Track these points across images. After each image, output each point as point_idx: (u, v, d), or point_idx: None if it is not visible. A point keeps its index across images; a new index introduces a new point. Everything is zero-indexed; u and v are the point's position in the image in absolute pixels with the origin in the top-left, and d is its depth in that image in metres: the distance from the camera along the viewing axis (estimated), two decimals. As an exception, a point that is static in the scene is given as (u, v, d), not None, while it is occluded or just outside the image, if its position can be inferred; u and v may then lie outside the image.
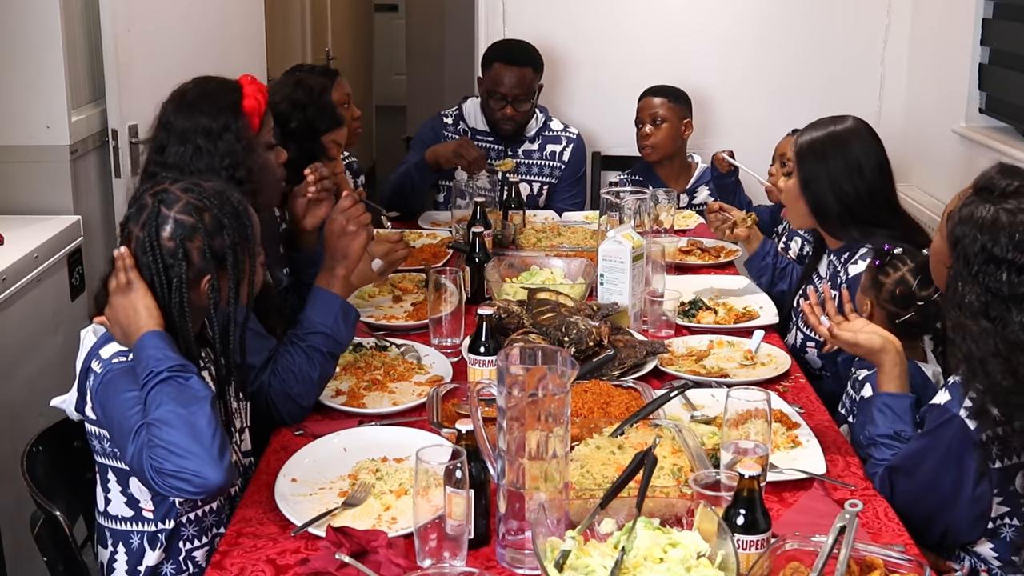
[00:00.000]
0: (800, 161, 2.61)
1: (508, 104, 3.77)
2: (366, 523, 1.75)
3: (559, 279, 2.90)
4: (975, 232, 1.84)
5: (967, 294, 1.82)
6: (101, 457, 1.87)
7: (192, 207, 1.80)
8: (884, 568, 1.55)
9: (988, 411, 1.80)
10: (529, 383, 1.61)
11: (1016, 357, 1.78)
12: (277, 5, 5.08)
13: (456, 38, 6.98)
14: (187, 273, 1.80)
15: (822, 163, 2.57)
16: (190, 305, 1.81)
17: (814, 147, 2.59)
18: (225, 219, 1.82)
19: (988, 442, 1.83)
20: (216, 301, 1.82)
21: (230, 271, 1.83)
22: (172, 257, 1.79)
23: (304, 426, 2.15)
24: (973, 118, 3.73)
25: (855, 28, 4.29)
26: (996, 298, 1.80)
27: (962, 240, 1.85)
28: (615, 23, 4.31)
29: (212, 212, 1.81)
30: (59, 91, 2.98)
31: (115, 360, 1.79)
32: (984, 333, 1.80)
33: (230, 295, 1.84)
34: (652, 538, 1.57)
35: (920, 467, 1.91)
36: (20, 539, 2.40)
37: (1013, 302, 1.79)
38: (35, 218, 2.97)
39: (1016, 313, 1.79)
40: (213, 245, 1.80)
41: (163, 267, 1.79)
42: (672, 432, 1.97)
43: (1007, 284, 1.80)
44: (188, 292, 1.80)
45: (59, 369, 2.73)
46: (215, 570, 1.67)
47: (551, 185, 3.92)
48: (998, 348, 1.78)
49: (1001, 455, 1.83)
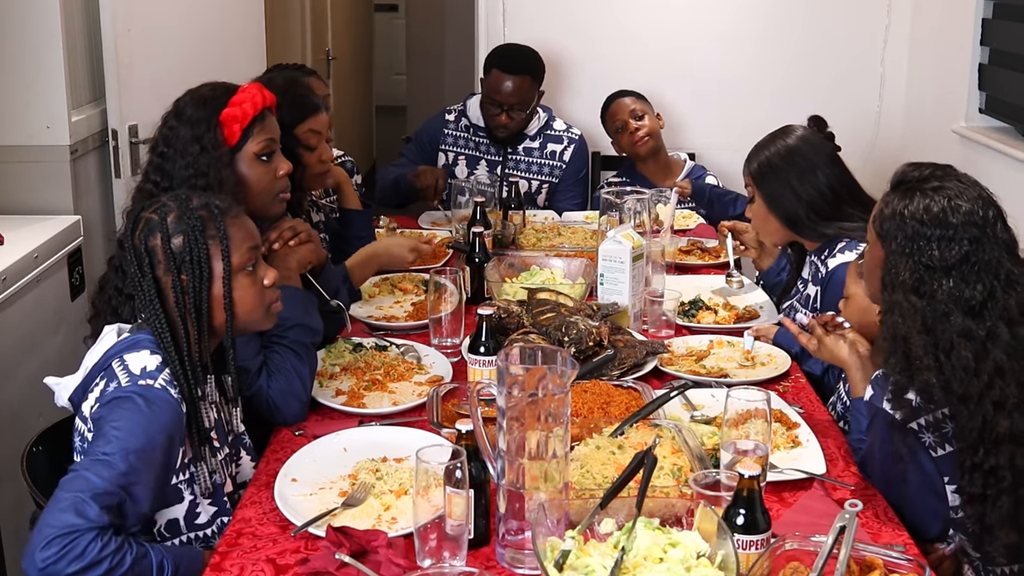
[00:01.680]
0: (758, 183, 2.69)
1: (503, 112, 3.77)
2: (366, 523, 1.75)
3: (559, 279, 2.90)
4: (901, 217, 1.89)
5: (901, 271, 1.87)
6: (77, 455, 1.83)
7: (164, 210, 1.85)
8: (884, 568, 1.55)
9: (905, 398, 1.84)
10: (529, 383, 1.61)
11: (940, 327, 1.82)
12: (277, 5, 5.08)
13: (456, 38, 6.99)
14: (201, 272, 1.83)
15: (777, 176, 2.65)
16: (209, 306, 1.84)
17: (765, 165, 2.68)
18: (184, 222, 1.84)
19: (920, 430, 1.85)
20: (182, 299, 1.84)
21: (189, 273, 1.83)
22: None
23: (304, 426, 2.16)
24: (973, 118, 3.73)
25: (855, 28, 4.29)
26: (928, 270, 1.85)
27: (891, 230, 1.90)
28: (616, 22, 4.31)
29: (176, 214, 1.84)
30: (59, 91, 2.99)
31: (142, 383, 1.75)
32: (913, 309, 1.84)
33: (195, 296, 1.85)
34: (652, 538, 1.57)
35: (872, 464, 1.96)
36: (20, 539, 2.41)
37: (944, 272, 1.84)
38: (35, 218, 2.97)
39: (945, 283, 1.83)
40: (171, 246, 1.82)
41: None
42: (672, 432, 1.97)
43: (938, 256, 1.84)
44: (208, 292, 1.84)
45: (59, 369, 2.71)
46: (214, 570, 1.67)
47: (551, 184, 3.92)
48: (924, 323, 1.83)
49: (941, 442, 1.85)
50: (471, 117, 3.91)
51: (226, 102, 2.21)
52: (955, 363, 1.80)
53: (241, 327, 1.91)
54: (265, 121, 2.28)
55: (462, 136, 3.92)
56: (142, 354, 1.80)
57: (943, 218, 1.85)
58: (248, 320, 1.90)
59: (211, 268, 1.84)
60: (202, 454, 1.85)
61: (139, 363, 1.79)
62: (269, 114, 2.29)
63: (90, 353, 1.87)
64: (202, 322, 1.84)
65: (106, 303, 2.08)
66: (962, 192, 1.88)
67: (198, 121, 2.19)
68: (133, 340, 1.83)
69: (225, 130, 2.20)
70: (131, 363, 1.79)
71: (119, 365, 1.79)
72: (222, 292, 1.85)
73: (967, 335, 1.81)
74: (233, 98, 2.22)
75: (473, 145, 3.91)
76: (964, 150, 3.70)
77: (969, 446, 1.80)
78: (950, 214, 1.86)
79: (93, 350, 1.87)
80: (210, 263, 1.83)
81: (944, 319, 1.82)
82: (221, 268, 1.84)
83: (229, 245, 1.84)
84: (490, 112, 3.79)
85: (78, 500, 1.61)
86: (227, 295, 1.85)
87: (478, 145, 3.90)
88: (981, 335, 1.81)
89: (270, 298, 1.93)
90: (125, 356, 1.80)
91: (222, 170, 2.17)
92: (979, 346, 1.81)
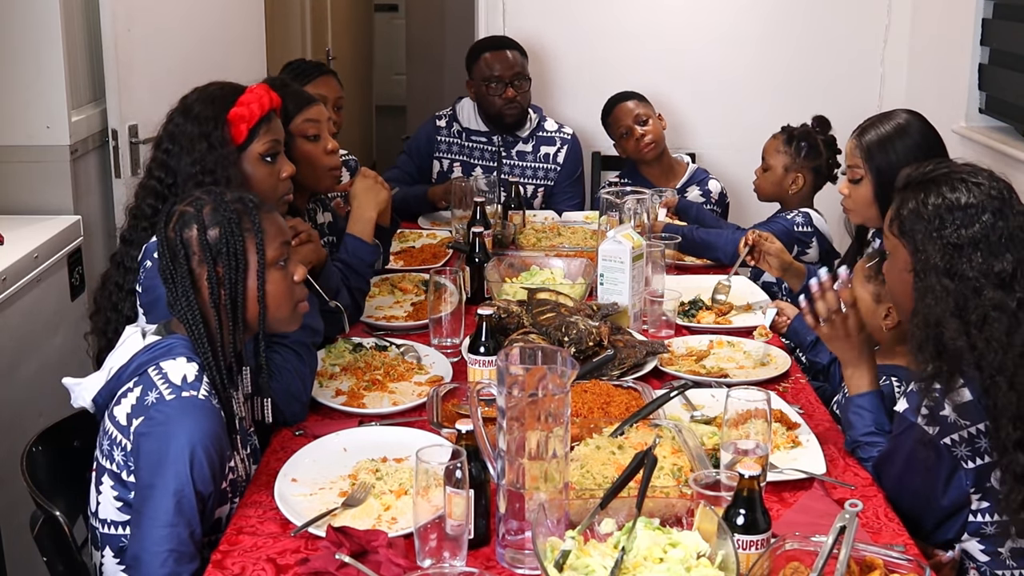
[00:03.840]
0: (870, 161, 2.57)
1: (508, 86, 3.77)
2: (366, 523, 1.75)
3: (559, 279, 2.90)
4: (922, 209, 1.90)
5: (932, 255, 1.87)
6: (103, 458, 1.84)
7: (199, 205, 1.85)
8: (884, 568, 1.55)
9: (943, 415, 1.83)
10: (529, 383, 1.61)
11: (972, 304, 1.82)
12: (277, 5, 5.08)
13: (456, 38, 6.98)
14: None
15: (890, 157, 2.54)
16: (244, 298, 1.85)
17: (882, 145, 2.57)
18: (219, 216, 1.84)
19: (954, 445, 1.85)
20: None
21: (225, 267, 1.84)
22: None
23: (304, 426, 2.15)
24: (973, 118, 3.73)
25: (855, 28, 4.29)
26: (956, 248, 1.86)
27: (913, 225, 1.91)
28: (616, 22, 4.31)
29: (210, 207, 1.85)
30: (59, 91, 2.99)
31: (186, 394, 1.75)
32: (945, 292, 1.85)
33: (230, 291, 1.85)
34: (652, 538, 1.57)
35: (890, 470, 1.95)
36: (20, 539, 2.40)
37: (972, 247, 1.85)
38: (35, 218, 2.97)
39: (975, 257, 1.84)
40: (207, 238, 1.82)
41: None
42: (672, 432, 1.97)
43: (965, 232, 1.86)
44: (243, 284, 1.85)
45: (59, 369, 2.72)
46: (216, 569, 1.68)
47: (547, 188, 3.92)
48: (957, 305, 1.83)
49: (972, 455, 1.85)
50: (462, 121, 3.91)
51: (234, 101, 2.22)
52: (989, 336, 1.81)
53: (272, 322, 1.90)
54: (271, 122, 2.29)
55: (456, 142, 3.92)
56: (179, 362, 1.79)
57: (960, 200, 1.88)
58: (278, 315, 1.90)
59: (247, 260, 1.84)
60: (236, 450, 1.87)
61: (178, 372, 1.78)
62: (275, 116, 2.31)
63: (114, 355, 1.87)
64: (237, 314, 1.84)
65: (107, 299, 2.08)
66: (973, 172, 1.92)
67: (206, 119, 2.19)
68: (167, 346, 1.82)
69: (232, 129, 2.21)
70: (170, 372, 1.78)
71: (157, 373, 1.78)
72: (256, 285, 1.85)
73: (999, 307, 1.82)
74: (241, 98, 2.23)
75: (468, 150, 3.91)
76: (964, 150, 3.69)
77: (1008, 419, 1.80)
78: (966, 194, 1.88)
79: (117, 352, 1.86)
80: (246, 255, 1.83)
81: (976, 295, 1.83)
82: (256, 261, 1.84)
83: (264, 238, 1.85)
84: (495, 93, 3.78)
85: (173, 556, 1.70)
86: (260, 287, 1.85)
87: (472, 150, 3.90)
88: (1012, 307, 1.82)
89: (299, 295, 1.93)
90: (162, 364, 1.79)
91: (229, 168, 2.18)
92: (1011, 317, 1.82)
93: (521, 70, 3.81)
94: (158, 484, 1.71)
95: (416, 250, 3.35)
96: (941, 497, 1.89)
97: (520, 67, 3.81)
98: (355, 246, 2.69)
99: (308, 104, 2.66)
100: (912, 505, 1.92)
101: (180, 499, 1.71)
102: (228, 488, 1.86)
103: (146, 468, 1.74)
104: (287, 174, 2.32)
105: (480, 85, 3.82)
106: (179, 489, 1.71)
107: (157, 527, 1.70)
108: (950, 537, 1.93)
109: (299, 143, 2.61)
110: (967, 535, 1.91)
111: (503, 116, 3.82)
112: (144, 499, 1.74)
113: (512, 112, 3.81)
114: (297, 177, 2.44)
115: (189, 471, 1.71)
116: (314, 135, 2.64)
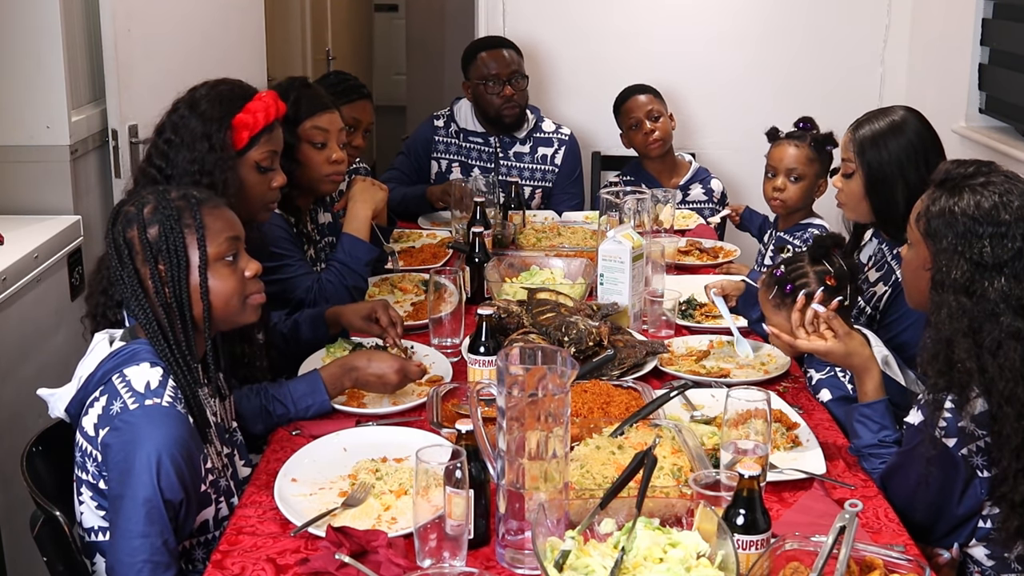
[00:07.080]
0: (862, 156, 2.48)
1: (506, 84, 3.77)
2: (366, 523, 1.75)
3: (559, 279, 2.89)
4: (952, 214, 1.85)
5: (953, 271, 1.83)
6: (78, 469, 1.83)
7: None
8: (884, 568, 1.55)
9: (960, 426, 1.81)
10: (529, 383, 1.61)
11: (988, 328, 1.79)
12: (277, 5, 5.08)
13: (456, 38, 6.97)
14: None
15: (883, 154, 2.45)
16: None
17: (875, 140, 2.47)
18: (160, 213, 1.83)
19: (971, 455, 1.84)
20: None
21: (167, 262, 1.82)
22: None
23: (303, 426, 2.15)
24: (973, 118, 3.73)
25: (855, 28, 4.30)
26: (979, 268, 1.81)
27: (940, 228, 1.86)
28: (616, 22, 4.31)
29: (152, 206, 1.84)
30: (59, 91, 2.98)
31: (149, 402, 1.74)
32: (961, 310, 1.81)
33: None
34: (652, 538, 1.57)
35: (903, 481, 1.93)
36: (20, 539, 2.40)
37: (996, 270, 1.81)
38: (35, 218, 2.97)
39: (997, 281, 1.80)
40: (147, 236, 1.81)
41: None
42: (672, 432, 1.97)
43: (991, 252, 1.81)
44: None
45: (59, 369, 2.73)
46: (215, 569, 1.68)
47: (545, 189, 3.92)
48: (971, 325, 1.80)
49: (988, 465, 1.83)
50: (460, 122, 3.91)
51: (241, 107, 2.23)
52: (1002, 363, 1.77)
53: (220, 318, 1.87)
54: (272, 132, 2.30)
55: (453, 143, 3.92)
56: (142, 367, 1.78)
57: (995, 214, 1.82)
58: (226, 311, 1.87)
59: (187, 257, 1.82)
60: (212, 448, 1.86)
61: (142, 379, 1.77)
62: (278, 126, 2.32)
63: (83, 363, 1.86)
64: (183, 312, 1.81)
65: (99, 283, 2.08)
66: (1012, 188, 1.85)
67: (211, 119, 2.20)
68: (130, 352, 1.81)
69: (235, 134, 2.22)
70: (133, 379, 1.77)
71: (120, 381, 1.77)
72: (199, 282, 1.83)
73: (1016, 336, 1.78)
74: (249, 104, 2.24)
75: (466, 151, 3.91)
76: (964, 150, 3.69)
77: (1011, 451, 1.77)
78: (1002, 210, 1.83)
79: (86, 360, 1.86)
80: (186, 252, 1.82)
81: (993, 319, 1.79)
82: (197, 257, 1.82)
83: (205, 234, 1.83)
84: (493, 92, 3.78)
85: (148, 566, 1.70)
86: (203, 284, 1.82)
87: (470, 151, 3.90)
88: None
89: (250, 290, 1.90)
90: (125, 371, 1.78)
91: (227, 171, 2.19)
92: None
93: (518, 68, 3.81)
94: (127, 495, 1.70)
95: (416, 250, 3.35)
96: (956, 507, 1.88)
97: (517, 65, 3.82)
98: (351, 245, 2.70)
99: (322, 110, 2.69)
100: (925, 516, 1.91)
101: (150, 509, 1.69)
102: (210, 490, 1.85)
103: (115, 479, 1.73)
104: (278, 184, 2.34)
105: (477, 85, 3.82)
106: (148, 499, 1.69)
107: (130, 538, 1.70)
108: (960, 541, 1.93)
109: (304, 147, 2.63)
110: (975, 540, 1.91)
111: (502, 115, 3.82)
112: (116, 510, 1.73)
113: (511, 111, 3.81)
114: (296, 178, 2.45)
115: (156, 480, 1.69)
116: (321, 143, 2.67)
